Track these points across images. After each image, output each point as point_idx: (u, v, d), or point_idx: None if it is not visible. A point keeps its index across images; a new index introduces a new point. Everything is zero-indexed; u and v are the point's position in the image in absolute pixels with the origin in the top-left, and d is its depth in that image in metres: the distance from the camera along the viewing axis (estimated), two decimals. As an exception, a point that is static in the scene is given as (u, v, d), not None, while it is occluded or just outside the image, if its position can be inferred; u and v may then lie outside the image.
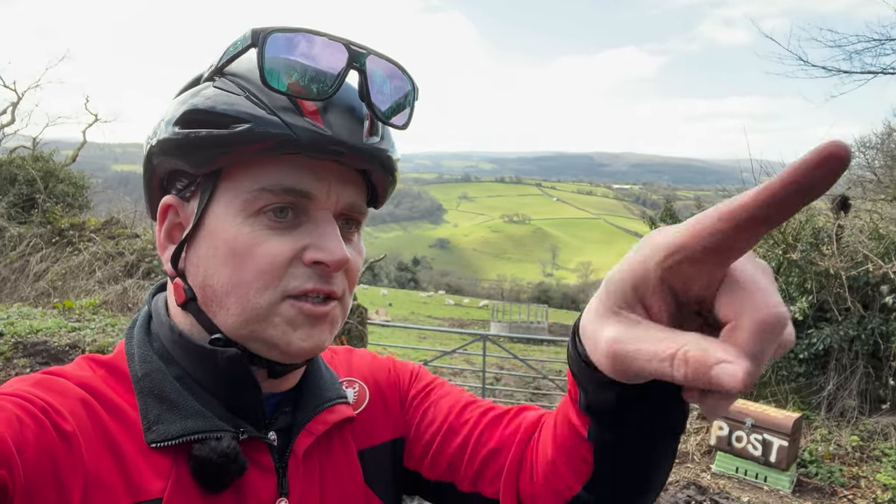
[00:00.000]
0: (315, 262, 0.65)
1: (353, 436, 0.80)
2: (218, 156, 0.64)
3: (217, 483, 0.63)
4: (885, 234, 6.42)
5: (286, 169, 0.64)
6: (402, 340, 15.03)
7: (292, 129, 0.62)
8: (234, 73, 0.66)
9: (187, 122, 0.64)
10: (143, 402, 0.65)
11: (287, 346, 0.65)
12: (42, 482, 0.54)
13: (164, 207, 0.71)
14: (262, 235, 0.64)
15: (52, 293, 9.39)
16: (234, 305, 0.65)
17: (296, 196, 0.65)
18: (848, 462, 5.62)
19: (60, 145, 15.39)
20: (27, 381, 0.62)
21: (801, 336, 6.36)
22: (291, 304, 0.65)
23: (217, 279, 0.66)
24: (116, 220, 11.48)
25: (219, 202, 0.66)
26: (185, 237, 0.68)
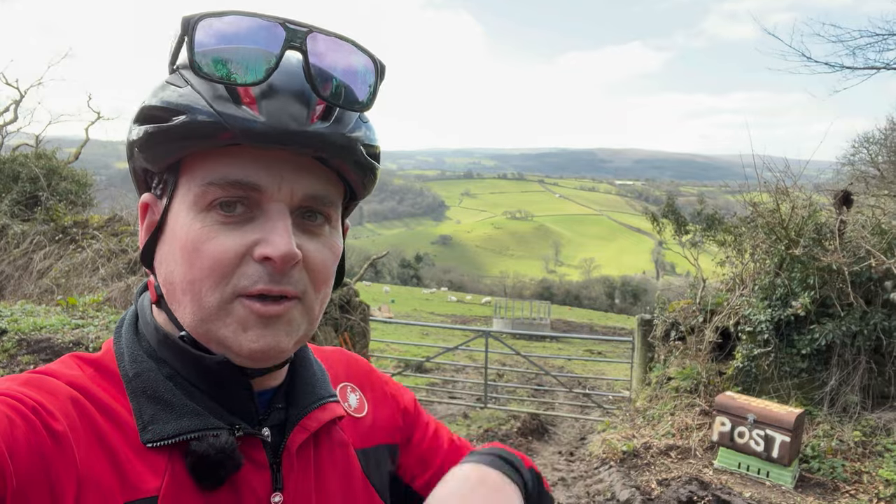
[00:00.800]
0: (264, 258, 0.62)
1: (351, 435, 0.81)
2: (168, 151, 0.63)
3: (214, 479, 0.63)
4: (888, 229, 6.40)
5: (235, 161, 0.62)
6: (404, 337, 15.04)
7: (225, 119, 0.59)
8: (182, 66, 0.64)
9: (142, 118, 0.64)
10: (137, 403, 0.65)
11: (238, 347, 0.63)
12: (34, 483, 0.53)
13: (142, 206, 0.70)
14: (212, 231, 0.62)
15: (56, 290, 9.42)
16: (189, 304, 0.64)
17: (244, 189, 0.62)
18: (850, 457, 5.62)
19: (63, 143, 15.41)
20: (16, 380, 0.61)
21: (804, 332, 6.35)
22: (242, 304, 0.63)
23: (175, 276, 0.64)
24: (119, 217, 11.49)
25: (177, 198, 0.65)
26: (152, 235, 0.68)
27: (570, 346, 18.01)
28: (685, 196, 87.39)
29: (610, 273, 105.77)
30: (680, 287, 15.75)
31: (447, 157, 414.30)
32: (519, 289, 75.56)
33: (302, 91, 0.62)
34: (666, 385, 7.24)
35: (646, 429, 6.65)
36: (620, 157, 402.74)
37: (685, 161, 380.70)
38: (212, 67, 0.60)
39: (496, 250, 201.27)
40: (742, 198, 7.83)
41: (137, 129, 0.64)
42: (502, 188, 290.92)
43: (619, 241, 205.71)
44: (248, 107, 0.60)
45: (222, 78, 0.60)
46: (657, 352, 7.81)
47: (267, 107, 0.60)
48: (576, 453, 6.77)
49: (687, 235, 8.75)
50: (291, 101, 0.61)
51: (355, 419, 0.83)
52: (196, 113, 0.60)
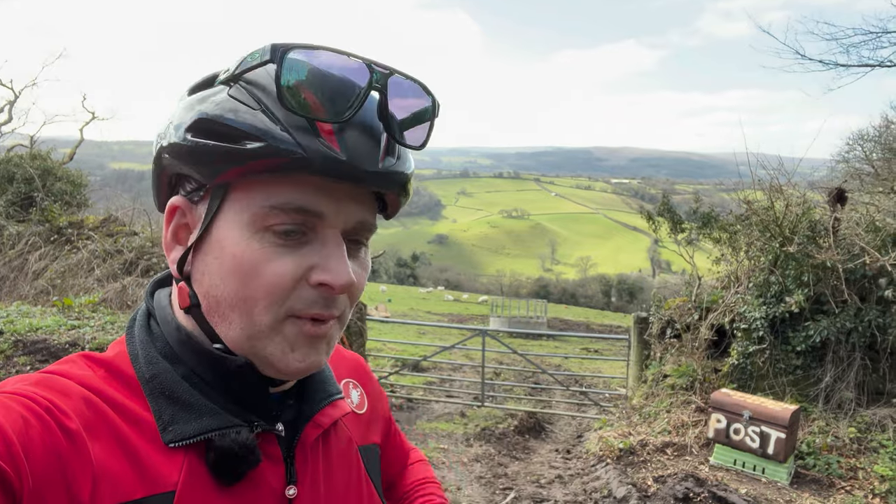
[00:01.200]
0: (320, 284, 0.64)
1: (353, 431, 0.84)
2: (228, 169, 0.62)
3: (233, 474, 0.65)
4: (882, 226, 6.43)
5: (299, 187, 0.63)
6: (401, 336, 15.04)
7: (305, 151, 0.60)
8: (250, 81, 0.64)
9: (198, 130, 0.62)
10: (156, 404, 0.65)
11: (285, 366, 0.66)
12: (50, 482, 0.54)
13: (171, 208, 0.69)
14: (270, 253, 0.63)
15: (51, 291, 9.40)
16: (238, 320, 0.65)
17: (307, 216, 0.63)
18: (845, 454, 5.65)
19: (58, 143, 15.36)
20: (28, 380, 0.61)
21: (799, 329, 6.38)
22: (293, 323, 0.65)
23: (222, 291, 0.65)
24: (115, 217, 11.47)
25: (228, 212, 0.65)
26: (192, 243, 0.67)
27: (566, 345, 18.04)
28: (681, 194, 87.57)
29: (606, 271, 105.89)
30: (676, 285, 15.80)
31: (443, 156, 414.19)
32: (515, 287, 75.65)
33: (374, 128, 0.65)
34: (662, 382, 7.26)
35: (642, 426, 6.67)
36: (616, 155, 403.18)
37: (681, 159, 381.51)
38: (299, 99, 0.60)
39: (492, 249, 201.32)
40: (737, 196, 7.85)
41: (190, 137, 0.63)
42: (498, 187, 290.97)
43: (615, 240, 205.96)
44: (326, 139, 0.61)
45: (307, 112, 0.60)
46: (653, 349, 7.84)
47: (345, 142, 0.62)
48: (573, 451, 6.79)
49: (682, 233, 8.77)
50: (366, 139, 0.63)
51: (357, 416, 0.87)
52: (276, 141, 0.60)
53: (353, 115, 0.62)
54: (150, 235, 10.70)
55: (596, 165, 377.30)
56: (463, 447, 6.63)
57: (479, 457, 6.36)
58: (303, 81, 0.61)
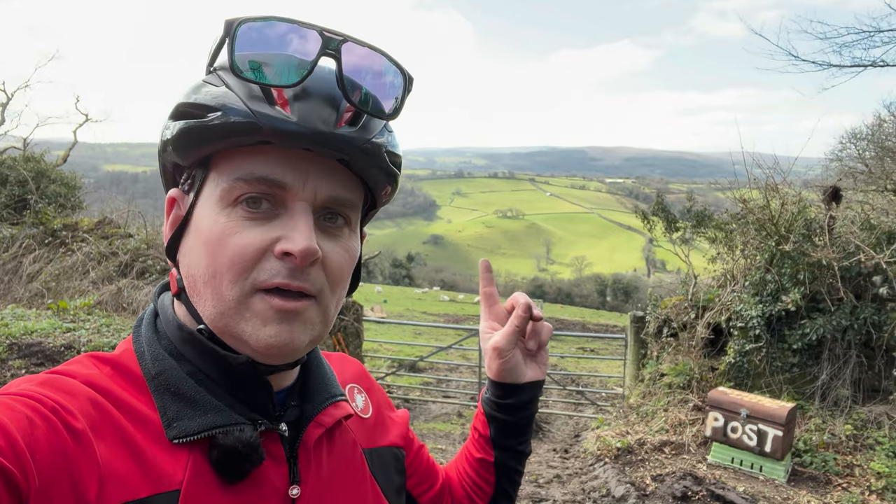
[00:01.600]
0: (284, 254, 0.64)
1: (357, 434, 0.84)
2: (200, 146, 0.65)
3: (237, 472, 0.65)
4: (877, 224, 6.46)
5: (263, 159, 0.65)
6: (397, 337, 15.03)
7: (258, 118, 0.61)
8: (220, 67, 0.67)
9: (177, 114, 0.67)
10: (161, 400, 0.66)
11: (256, 341, 0.65)
12: (56, 482, 0.54)
13: (169, 200, 0.73)
14: (237, 226, 0.64)
15: (46, 294, 9.35)
16: (210, 296, 0.66)
17: (270, 186, 0.64)
18: (842, 451, 5.67)
19: (51, 146, 15.29)
20: (34, 380, 0.62)
21: (795, 327, 6.40)
22: (262, 298, 0.65)
23: (197, 269, 0.66)
24: (109, 219, 11.43)
25: (204, 193, 0.68)
26: (178, 228, 0.70)
27: (562, 344, 18.06)
28: (675, 193, 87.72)
29: (601, 271, 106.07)
30: (671, 284, 15.83)
31: (438, 156, 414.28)
32: (511, 287, 75.64)
33: (332, 96, 0.65)
34: (659, 381, 7.28)
35: (639, 425, 6.69)
36: (611, 155, 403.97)
37: (675, 158, 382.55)
38: (249, 69, 0.63)
39: (488, 249, 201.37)
40: (732, 194, 7.88)
41: (172, 124, 0.67)
42: (493, 187, 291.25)
43: (610, 239, 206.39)
44: (280, 107, 0.63)
45: (259, 79, 0.63)
46: (650, 348, 7.85)
47: (298, 108, 0.63)
48: (570, 450, 6.80)
49: (677, 232, 8.79)
50: (322, 105, 0.64)
51: (361, 419, 0.88)
52: (231, 111, 0.63)
53: (302, 81, 0.64)
54: (145, 237, 10.67)
55: (590, 165, 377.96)
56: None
57: (477, 457, 6.35)
58: (254, 51, 0.63)
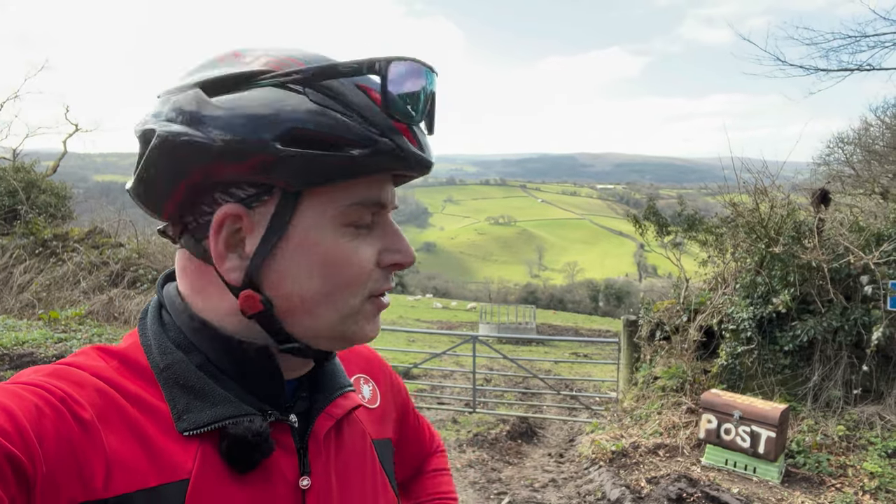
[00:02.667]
0: (393, 264, 0.71)
1: (366, 425, 0.85)
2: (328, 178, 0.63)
3: (247, 462, 0.65)
4: (865, 226, 6.53)
5: (375, 182, 0.68)
6: (391, 344, 14.99)
7: (404, 152, 0.65)
8: (331, 88, 0.64)
9: (293, 140, 0.61)
10: (170, 393, 0.66)
11: (363, 337, 0.72)
12: (64, 470, 0.55)
13: (224, 216, 0.65)
14: (353, 244, 0.68)
15: (37, 304, 9.29)
16: (326, 311, 0.68)
17: (379, 206, 0.70)
18: (835, 451, 5.71)
19: (41, 156, 15.21)
20: (42, 371, 0.62)
21: (786, 328, 6.45)
22: (371, 302, 0.71)
23: (308, 289, 0.66)
24: (100, 229, 11.38)
25: (306, 213, 0.65)
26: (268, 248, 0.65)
27: (556, 350, 18.08)
28: (665, 199, 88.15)
29: (593, 276, 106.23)
30: (663, 288, 15.89)
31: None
32: (504, 294, 75.60)
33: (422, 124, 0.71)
34: (652, 385, 7.30)
35: (634, 428, 6.71)
36: (601, 161, 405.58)
37: (664, 164, 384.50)
38: (399, 104, 0.65)
39: (480, 256, 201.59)
40: (722, 199, 7.94)
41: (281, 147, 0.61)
42: (485, 194, 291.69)
43: (601, 245, 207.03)
44: (408, 139, 0.67)
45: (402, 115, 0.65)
46: (643, 352, 7.88)
47: (419, 140, 0.68)
48: (565, 455, 6.81)
49: (669, 236, 8.84)
50: (422, 134, 0.70)
51: (369, 410, 0.88)
52: (379, 146, 0.64)
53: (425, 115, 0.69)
54: (136, 247, 10.62)
55: (581, 171, 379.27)
56: (456, 453, 6.62)
57: (472, 462, 6.35)
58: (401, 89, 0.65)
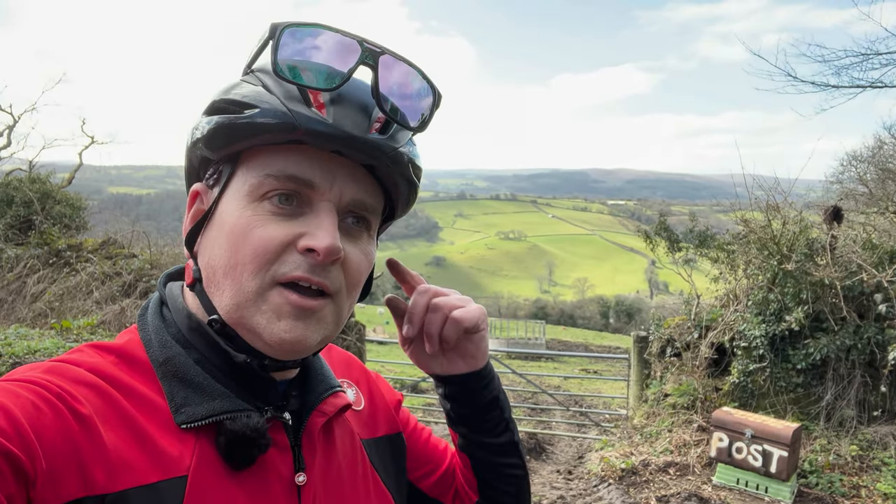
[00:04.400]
0: (307, 250, 0.65)
1: (354, 426, 0.86)
2: (231, 141, 0.67)
3: (245, 458, 0.66)
4: (879, 244, 6.48)
5: (293, 158, 0.67)
6: (399, 358, 14.94)
7: (295, 117, 0.64)
8: (259, 69, 0.70)
9: (212, 110, 0.69)
10: (169, 386, 0.67)
11: (269, 335, 0.66)
12: (63, 467, 0.55)
13: (192, 194, 0.75)
14: (263, 219, 0.66)
15: (50, 314, 9.35)
16: (229, 287, 0.67)
17: (298, 184, 0.66)
18: (848, 472, 5.62)
19: (57, 168, 15.39)
20: (39, 368, 0.63)
21: (798, 346, 6.39)
22: (279, 292, 0.66)
23: (218, 260, 0.68)
24: (114, 240, 11.47)
25: (231, 187, 0.69)
26: (200, 220, 0.72)
27: (565, 366, 17.97)
28: (676, 215, 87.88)
29: (604, 292, 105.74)
30: (674, 305, 15.78)
31: (440, 178, 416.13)
32: (513, 309, 75.36)
33: (366, 104, 0.68)
34: (663, 402, 7.24)
35: (644, 446, 6.64)
36: (612, 177, 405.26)
37: (676, 181, 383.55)
38: (290, 70, 0.65)
39: (490, 271, 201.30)
40: (734, 215, 7.91)
41: (205, 119, 0.69)
42: (495, 209, 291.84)
43: (612, 261, 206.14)
44: (317, 110, 0.65)
45: (298, 81, 0.65)
46: (653, 369, 7.82)
47: (334, 112, 0.66)
48: (574, 472, 6.74)
49: (680, 253, 8.81)
50: (356, 111, 0.67)
51: (356, 412, 0.88)
52: (268, 109, 0.65)
53: (340, 86, 0.66)
54: (149, 258, 10.70)
55: (592, 187, 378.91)
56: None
57: (480, 478, 6.31)
58: (296, 54, 0.66)
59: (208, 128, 0.68)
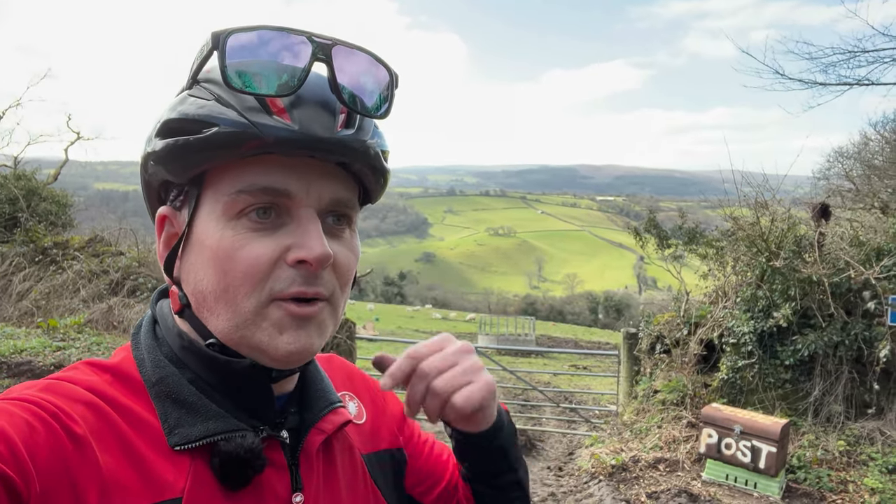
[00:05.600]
0: (298, 262, 0.64)
1: (355, 440, 0.83)
2: (195, 162, 0.64)
3: (239, 479, 0.64)
4: (866, 241, 6.53)
5: (263, 169, 0.64)
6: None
7: (259, 129, 0.61)
8: (207, 80, 0.66)
9: (166, 131, 0.65)
10: (162, 407, 0.66)
11: (275, 350, 0.65)
12: (57, 487, 0.54)
13: (159, 219, 0.72)
14: (245, 238, 0.64)
15: (36, 312, 9.27)
16: (224, 310, 0.65)
17: (274, 195, 0.64)
18: (835, 467, 5.68)
19: (42, 164, 15.23)
20: (34, 386, 0.62)
21: (787, 343, 6.44)
22: (278, 306, 0.65)
23: (206, 285, 0.66)
24: (101, 237, 11.38)
25: (203, 208, 0.67)
26: (175, 246, 0.69)
27: (555, 362, 18.04)
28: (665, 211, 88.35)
29: (593, 288, 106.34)
30: (663, 301, 15.87)
31: (430, 174, 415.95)
32: (503, 305, 75.60)
33: (327, 100, 0.65)
34: (652, 398, 7.28)
35: (634, 442, 6.67)
36: (601, 173, 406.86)
37: (664, 177, 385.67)
38: (243, 79, 0.62)
39: (480, 267, 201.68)
40: (722, 212, 7.95)
41: (159, 142, 0.66)
42: (485, 205, 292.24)
43: (601, 257, 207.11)
44: (279, 116, 0.62)
45: (253, 90, 0.62)
46: (643, 365, 7.86)
47: (298, 116, 0.63)
48: (564, 468, 6.77)
49: (669, 249, 8.85)
50: (319, 110, 0.64)
51: (357, 426, 0.86)
52: (229, 124, 0.62)
53: (298, 88, 0.63)
54: (136, 255, 10.61)
55: (581, 183, 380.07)
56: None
57: (471, 475, 6.31)
58: (245, 61, 0.62)
59: (165, 150, 0.65)
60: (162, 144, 0.65)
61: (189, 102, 0.65)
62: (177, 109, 0.65)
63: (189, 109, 0.64)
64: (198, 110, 0.64)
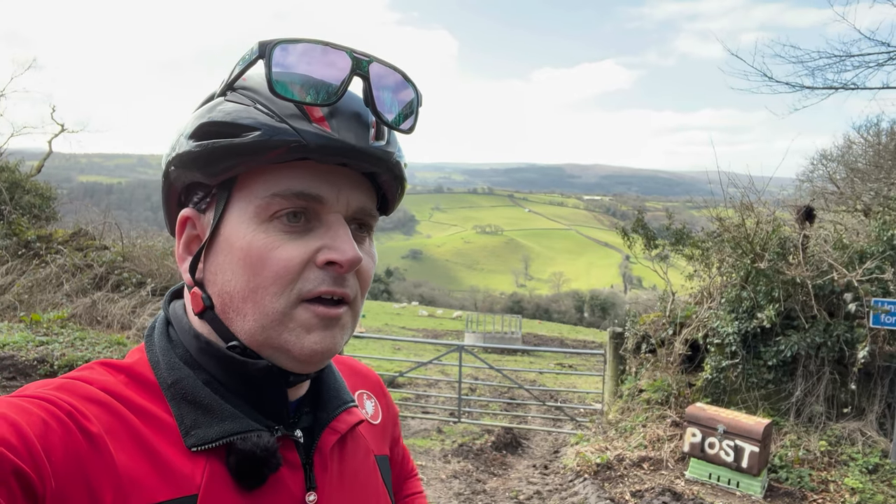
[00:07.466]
0: (328, 263, 0.67)
1: (369, 440, 0.86)
2: (233, 165, 0.66)
3: (256, 477, 0.66)
4: (849, 243, 6.62)
5: (297, 174, 0.67)
6: (376, 352, 14.95)
7: (301, 135, 0.64)
8: (244, 87, 0.69)
9: (203, 134, 0.67)
10: (178, 408, 0.67)
11: (300, 349, 0.67)
12: (73, 485, 0.55)
13: (182, 220, 0.73)
14: (277, 240, 0.66)
15: (19, 307, 9.15)
16: (252, 311, 0.67)
17: (307, 200, 0.67)
18: (817, 467, 5.75)
19: (25, 156, 15.05)
20: (49, 385, 0.63)
21: (770, 343, 6.51)
22: (306, 308, 0.67)
23: (234, 285, 0.67)
24: (85, 231, 11.26)
25: (233, 211, 0.68)
26: (201, 247, 0.70)
27: (541, 360, 18.10)
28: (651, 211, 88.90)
29: (579, 287, 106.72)
30: (648, 300, 15.98)
31: (417, 171, 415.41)
32: (490, 303, 75.65)
33: (361, 113, 0.69)
34: (637, 397, 7.33)
35: (618, 441, 6.72)
36: (588, 172, 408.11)
37: (650, 177, 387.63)
38: (288, 88, 0.64)
39: (467, 265, 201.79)
40: (708, 213, 8.02)
41: (193, 143, 0.68)
42: (472, 203, 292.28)
43: (587, 256, 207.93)
44: (318, 124, 0.65)
45: (294, 98, 0.64)
46: (628, 364, 7.92)
47: (336, 125, 0.66)
48: (550, 466, 6.80)
49: (656, 249, 8.90)
50: (354, 122, 0.68)
51: (372, 426, 0.89)
52: (272, 130, 0.64)
53: (338, 100, 0.66)
54: (120, 250, 10.51)
55: (568, 182, 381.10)
56: (441, 463, 6.60)
57: (457, 473, 6.33)
58: (290, 72, 0.65)
59: (202, 152, 0.67)
60: (196, 146, 0.67)
61: (228, 107, 0.67)
62: (216, 111, 0.68)
63: (226, 113, 0.67)
64: (238, 115, 0.66)
